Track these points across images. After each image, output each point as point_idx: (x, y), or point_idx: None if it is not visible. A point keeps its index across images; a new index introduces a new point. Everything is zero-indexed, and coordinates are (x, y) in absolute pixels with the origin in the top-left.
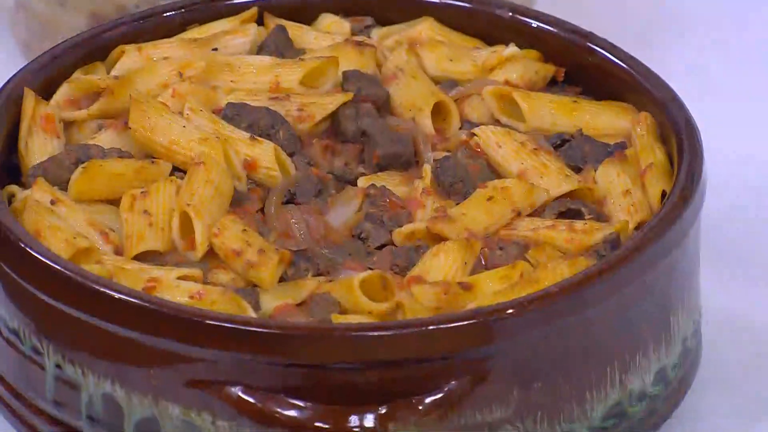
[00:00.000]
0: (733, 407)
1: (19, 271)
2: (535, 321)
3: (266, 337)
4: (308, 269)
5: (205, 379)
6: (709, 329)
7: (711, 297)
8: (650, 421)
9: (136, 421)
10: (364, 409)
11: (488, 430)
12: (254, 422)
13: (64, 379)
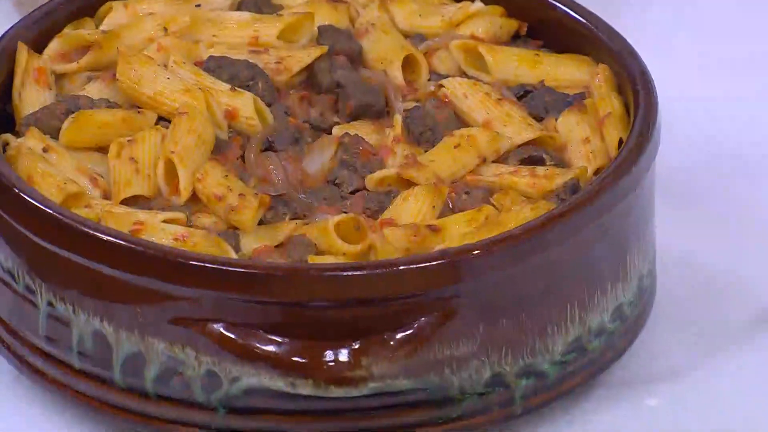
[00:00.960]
0: (686, 342)
1: (13, 215)
2: (500, 261)
3: (246, 277)
4: (286, 213)
5: (188, 316)
6: (664, 269)
7: (666, 238)
8: (608, 355)
9: (124, 356)
10: (339, 344)
11: (456, 364)
12: (235, 357)
13: (55, 317)
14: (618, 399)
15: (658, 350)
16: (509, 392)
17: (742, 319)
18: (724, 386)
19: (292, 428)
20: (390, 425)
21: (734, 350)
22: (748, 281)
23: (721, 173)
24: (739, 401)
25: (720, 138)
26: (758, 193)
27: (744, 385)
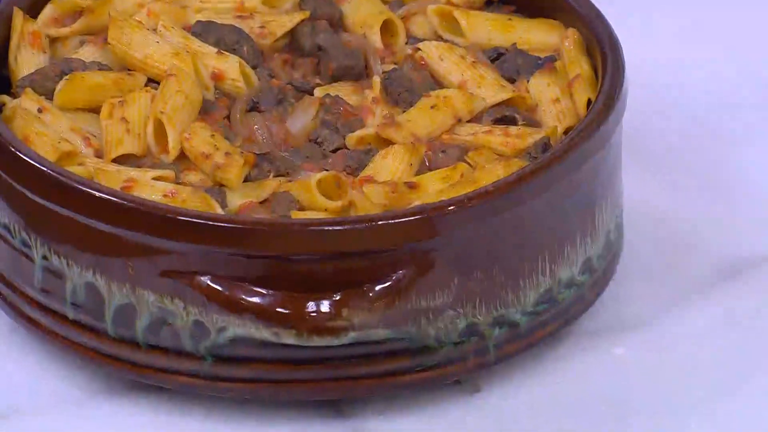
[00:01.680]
0: (652, 294)
1: (10, 173)
2: (474, 216)
3: (232, 232)
4: (270, 170)
5: (177, 269)
6: (630, 224)
7: (633, 195)
8: (577, 306)
9: (116, 307)
10: (321, 296)
11: (432, 314)
12: (221, 308)
13: (50, 270)
14: (587, 348)
15: (625, 301)
16: (483, 341)
17: (704, 271)
18: (688, 334)
19: (276, 376)
20: (369, 373)
21: (697, 300)
22: (709, 235)
23: (685, 134)
24: (701, 348)
25: (685, 99)
26: (721, 152)
27: (706, 332)
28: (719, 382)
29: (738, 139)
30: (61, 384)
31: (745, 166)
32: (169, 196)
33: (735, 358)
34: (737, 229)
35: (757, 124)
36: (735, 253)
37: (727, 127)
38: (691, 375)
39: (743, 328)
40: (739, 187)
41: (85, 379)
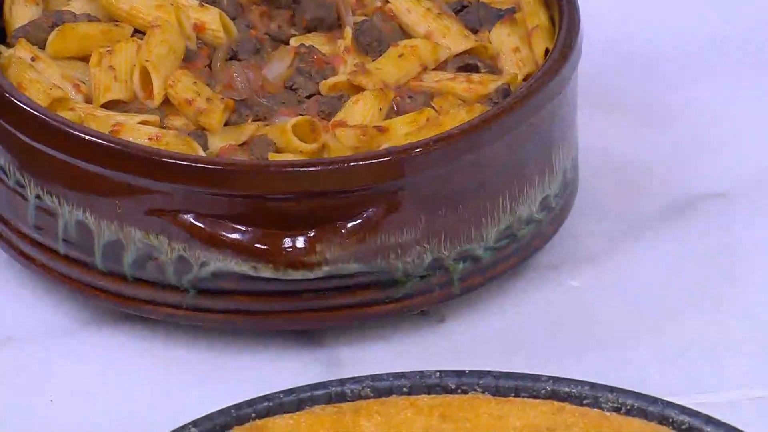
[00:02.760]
0: (606, 229)
1: (5, 117)
2: (439, 158)
3: (213, 172)
4: (248, 115)
5: (162, 208)
6: (586, 164)
7: (588, 137)
8: (536, 241)
9: (105, 243)
10: (296, 233)
11: (400, 250)
12: (203, 244)
13: (43, 208)
14: (545, 280)
15: (580, 237)
16: (448, 275)
17: (655, 209)
18: (640, 267)
19: (255, 307)
20: (341, 305)
21: (648, 235)
22: (661, 175)
23: (637, 80)
24: (652, 280)
25: (637, 48)
26: (671, 95)
27: (657, 265)
28: (669, 312)
29: (687, 85)
30: (53, 315)
31: (694, 110)
32: (154, 139)
33: (684, 289)
34: (686, 169)
35: (706, 70)
36: (684, 191)
37: (677, 74)
38: (642, 305)
39: (692, 261)
40: (688, 129)
41: (76, 310)
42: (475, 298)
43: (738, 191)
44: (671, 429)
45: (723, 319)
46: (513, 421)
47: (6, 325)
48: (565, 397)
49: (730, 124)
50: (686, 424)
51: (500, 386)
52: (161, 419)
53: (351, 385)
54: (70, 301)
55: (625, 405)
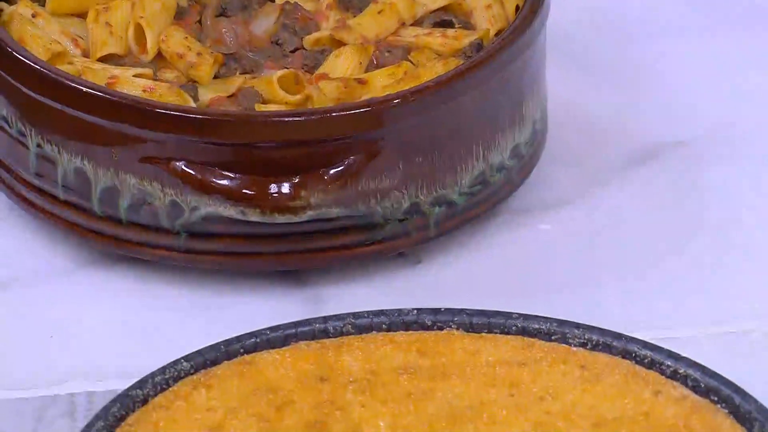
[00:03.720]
0: (573, 176)
1: (7, 70)
2: (416, 109)
3: (203, 122)
4: (236, 68)
5: (155, 155)
6: (555, 115)
7: (557, 88)
8: (507, 187)
9: (101, 189)
10: (282, 179)
11: (380, 195)
12: (194, 190)
13: (44, 156)
14: (516, 224)
15: (549, 183)
16: (425, 219)
17: (620, 157)
18: (606, 212)
19: (243, 249)
20: (324, 247)
21: (614, 181)
22: (625, 125)
23: (603, 33)
24: (618, 224)
25: (603, 2)
26: (635, 50)
27: (622, 210)
28: (632, 253)
29: (651, 40)
30: (53, 256)
31: (658, 62)
32: (147, 91)
33: (648, 232)
34: (650, 118)
35: (668, 26)
36: (648, 139)
37: (641, 29)
38: (607, 247)
39: (654, 205)
40: (652, 80)
41: (74, 252)
42: (450, 241)
43: (697, 140)
44: (634, 362)
45: (683, 261)
46: (486, 355)
47: (9, 266)
48: (535, 333)
49: (690, 78)
50: (648, 358)
51: (474, 323)
52: (155, 354)
53: (333, 323)
54: (69, 244)
55: (590, 340)
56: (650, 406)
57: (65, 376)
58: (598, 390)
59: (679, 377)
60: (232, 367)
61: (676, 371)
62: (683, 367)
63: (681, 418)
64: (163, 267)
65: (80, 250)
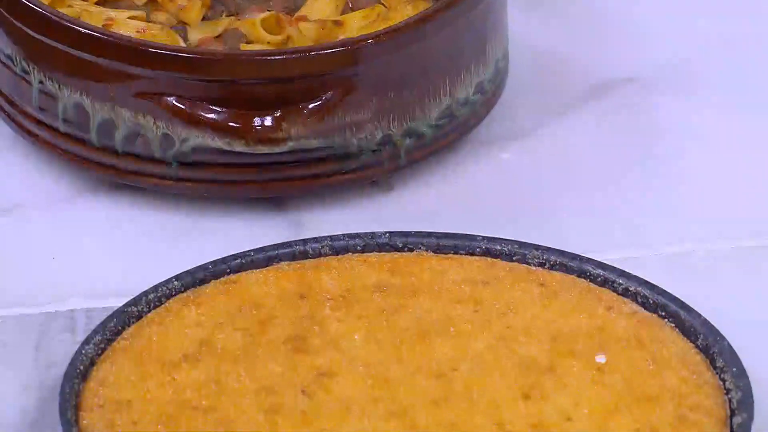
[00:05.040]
0: (534, 110)
1: (12, 14)
2: (388, 48)
3: (193, 61)
4: (223, 11)
5: (148, 91)
6: (516, 54)
7: (518, 28)
8: (472, 120)
9: (99, 122)
10: (264, 113)
11: (355, 127)
12: (184, 123)
13: (45, 92)
14: (480, 154)
15: (510, 117)
16: (396, 149)
17: (576, 92)
18: (564, 142)
19: (229, 178)
20: (304, 175)
21: (572, 114)
22: (581, 63)
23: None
24: (575, 154)
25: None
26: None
27: (579, 141)
28: (588, 181)
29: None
30: (54, 185)
31: (612, 2)
32: (141, 32)
33: (601, 161)
34: (604, 56)
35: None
36: (602, 75)
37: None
38: (564, 175)
39: (609, 136)
40: (606, 20)
41: (74, 181)
42: (419, 169)
43: (648, 76)
44: (588, 281)
45: (635, 187)
46: (452, 275)
47: (14, 194)
48: (497, 254)
49: (643, 18)
50: (601, 277)
51: (441, 245)
52: (148, 274)
53: (312, 245)
54: (68, 173)
55: (548, 261)
56: (603, 320)
57: (66, 294)
58: (556, 306)
59: (629, 294)
60: (219, 286)
61: (626, 289)
62: (633, 285)
63: (632, 332)
64: (156, 194)
65: (79, 179)
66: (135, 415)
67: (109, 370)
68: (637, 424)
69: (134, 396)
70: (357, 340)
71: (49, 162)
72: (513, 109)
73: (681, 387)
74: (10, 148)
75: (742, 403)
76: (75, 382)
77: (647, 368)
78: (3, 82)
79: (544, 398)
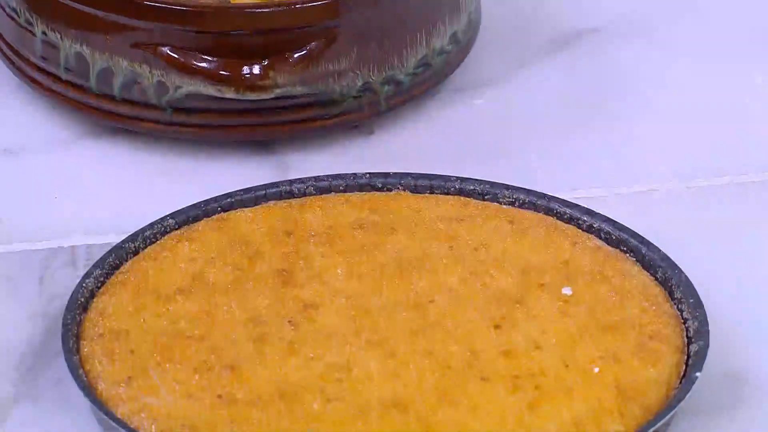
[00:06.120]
0: (504, 59)
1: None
2: (368, 1)
3: (186, 13)
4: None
5: (144, 42)
6: (488, 7)
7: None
8: (446, 68)
9: (98, 70)
10: (253, 62)
11: (337, 75)
12: (178, 71)
13: (48, 42)
14: (454, 100)
15: (482, 65)
16: (376, 96)
17: (543, 42)
18: (531, 90)
19: (220, 122)
20: (290, 120)
21: (539, 64)
22: (548, 14)
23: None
24: (543, 100)
25: None
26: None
27: (547, 88)
28: (555, 124)
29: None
30: (56, 129)
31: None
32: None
33: (567, 106)
34: (569, 8)
35: None
36: (568, 26)
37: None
38: (533, 119)
39: (574, 84)
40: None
41: (75, 125)
42: (397, 115)
43: (611, 27)
44: (555, 218)
45: (598, 131)
46: (428, 213)
47: (18, 137)
48: (470, 193)
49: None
50: (567, 214)
51: (418, 185)
52: (144, 212)
53: (297, 185)
54: (70, 118)
55: (518, 199)
56: (569, 255)
57: (67, 231)
58: (525, 242)
59: (593, 231)
60: (211, 224)
61: (591, 225)
62: (597, 222)
63: (596, 265)
64: (152, 138)
65: (80, 123)
66: (132, 344)
67: (108, 302)
68: (600, 352)
69: (131, 326)
70: (339, 274)
71: (51, 108)
72: (484, 59)
73: (641, 317)
74: (15, 95)
75: (698, 331)
76: (76, 313)
77: (610, 300)
78: (8, 33)
79: (514, 328)
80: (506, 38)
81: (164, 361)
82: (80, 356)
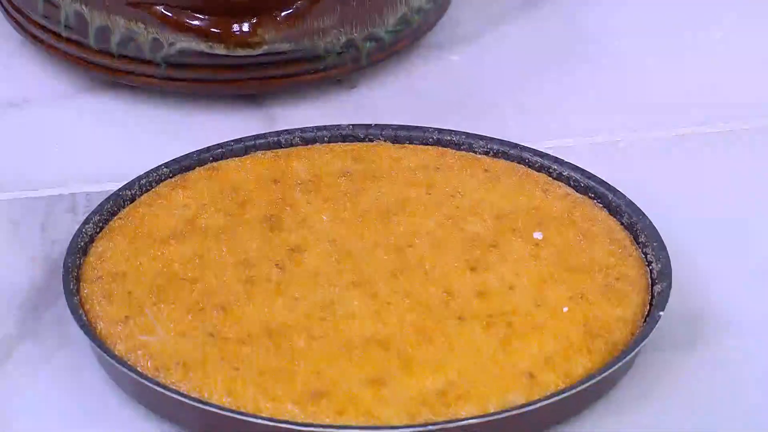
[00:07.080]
0: (478, 18)
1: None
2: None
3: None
4: None
5: (140, 1)
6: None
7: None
8: (424, 26)
9: (96, 28)
10: (242, 20)
11: (322, 33)
12: (171, 28)
13: (49, 2)
14: (432, 56)
15: (459, 23)
16: (358, 52)
17: (517, 2)
18: (505, 46)
19: (211, 77)
20: (277, 75)
21: (512, 22)
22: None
23: None
24: (514, 56)
25: None
26: None
27: (517, 44)
28: (527, 78)
29: None
30: (58, 83)
31: None
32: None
33: (539, 61)
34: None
35: None
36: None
37: None
38: (506, 73)
39: (546, 41)
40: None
41: (75, 80)
42: (379, 70)
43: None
44: (527, 167)
45: (566, 84)
46: (408, 162)
47: (21, 90)
48: (447, 143)
49: None
50: (538, 163)
51: (398, 136)
52: (140, 162)
53: (284, 136)
54: (70, 73)
55: (492, 149)
56: (540, 201)
57: (68, 179)
58: (499, 189)
59: (563, 178)
60: (203, 172)
61: (560, 173)
62: (566, 170)
63: (565, 211)
64: (147, 91)
65: (79, 78)
66: (129, 286)
67: (107, 246)
68: (569, 292)
69: (128, 269)
70: (324, 220)
71: (52, 63)
72: (461, 17)
73: (608, 259)
74: (20, 51)
75: (661, 273)
76: (76, 256)
77: (579, 243)
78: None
79: (489, 270)
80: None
81: (159, 302)
82: (80, 297)
